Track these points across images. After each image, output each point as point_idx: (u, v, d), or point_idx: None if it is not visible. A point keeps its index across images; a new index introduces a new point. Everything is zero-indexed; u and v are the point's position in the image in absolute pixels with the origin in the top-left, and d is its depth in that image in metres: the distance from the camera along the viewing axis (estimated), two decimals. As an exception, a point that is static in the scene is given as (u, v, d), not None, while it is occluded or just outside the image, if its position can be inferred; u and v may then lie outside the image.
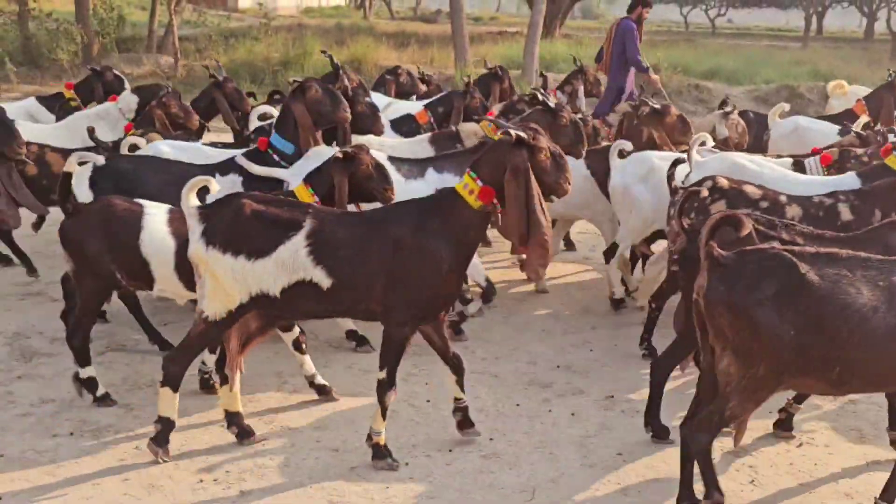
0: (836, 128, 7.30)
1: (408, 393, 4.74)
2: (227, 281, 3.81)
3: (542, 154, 3.94)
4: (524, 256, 4.28)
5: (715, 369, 3.46)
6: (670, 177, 5.22)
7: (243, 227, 3.80)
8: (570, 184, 4.09)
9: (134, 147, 5.53)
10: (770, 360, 3.29)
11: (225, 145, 6.45)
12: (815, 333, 3.23)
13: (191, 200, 3.94)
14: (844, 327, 3.22)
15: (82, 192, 4.93)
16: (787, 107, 7.76)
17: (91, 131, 5.82)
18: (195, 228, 3.86)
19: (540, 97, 5.99)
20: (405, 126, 7.11)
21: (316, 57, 15.38)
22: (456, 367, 4.16)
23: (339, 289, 3.82)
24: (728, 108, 7.09)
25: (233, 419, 4.21)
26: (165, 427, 4.02)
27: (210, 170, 5.17)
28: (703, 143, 5.80)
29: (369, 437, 4.03)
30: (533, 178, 3.86)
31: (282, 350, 4.86)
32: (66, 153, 5.55)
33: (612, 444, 4.31)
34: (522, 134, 3.90)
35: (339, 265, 3.79)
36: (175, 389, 3.98)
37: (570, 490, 3.92)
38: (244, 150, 5.59)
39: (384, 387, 3.95)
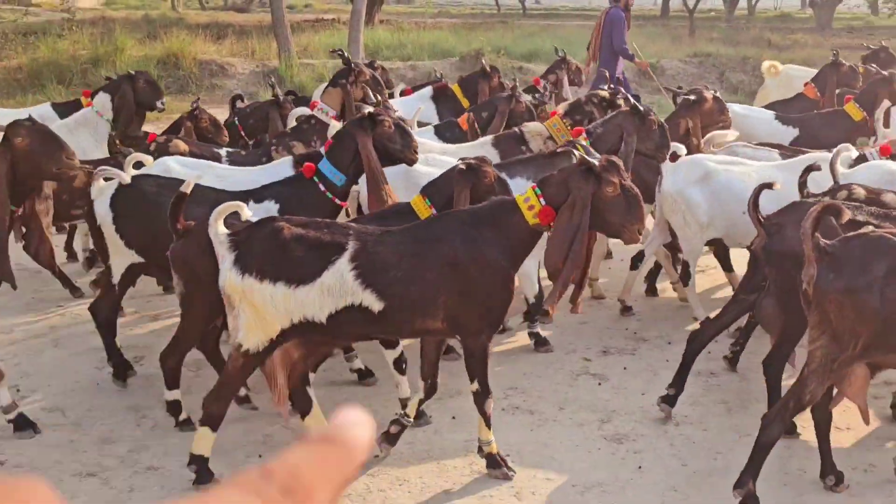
0: (772, 114, 7.24)
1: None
2: (268, 310, 3.60)
3: (611, 189, 3.75)
4: None
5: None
6: (803, 184, 4.67)
7: (282, 253, 3.59)
8: (642, 229, 3.92)
9: (139, 164, 5.05)
10: (867, 340, 3.42)
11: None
12: None
13: (219, 227, 3.70)
14: None
15: (102, 212, 4.63)
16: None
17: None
18: (226, 257, 3.64)
19: (622, 97, 5.74)
20: (448, 132, 6.55)
21: (129, 52, 14.53)
22: (430, 390, 4.10)
23: (392, 311, 3.65)
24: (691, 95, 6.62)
25: None
26: (202, 465, 3.83)
27: (244, 196, 4.51)
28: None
29: (480, 449, 4.01)
30: (588, 212, 3.70)
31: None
32: (90, 165, 5.10)
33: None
34: (594, 163, 3.76)
35: (391, 286, 3.63)
36: (215, 429, 3.79)
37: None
38: (263, 167, 5.15)
39: (481, 397, 3.91)
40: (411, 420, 4.16)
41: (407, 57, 15.68)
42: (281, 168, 4.96)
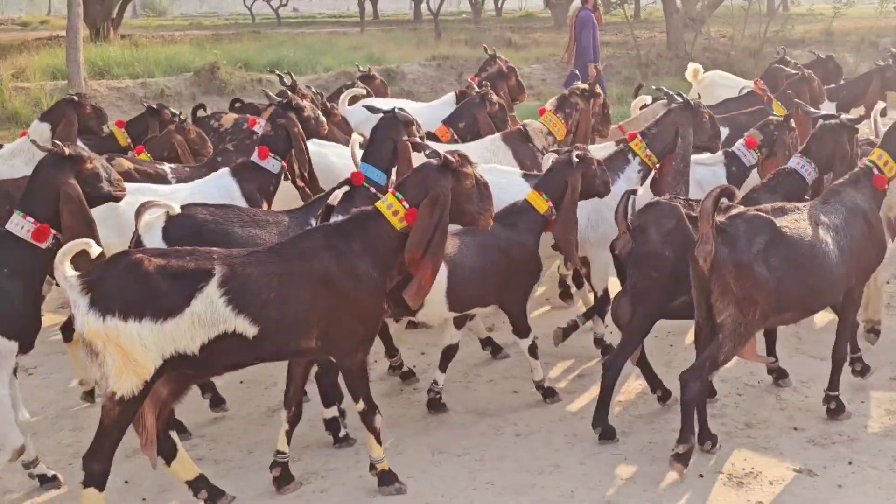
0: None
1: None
2: (137, 350, 3.35)
3: (469, 182, 3.88)
4: None
5: (714, 322, 3.99)
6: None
7: (143, 287, 3.34)
8: (492, 214, 4.05)
9: None
10: (765, 304, 3.94)
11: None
12: (793, 272, 3.98)
13: (66, 269, 3.38)
14: (809, 263, 4.03)
15: (153, 243, 4.28)
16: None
17: None
18: (80, 301, 3.33)
19: (669, 93, 5.68)
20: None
21: None
22: (294, 417, 4.03)
23: (267, 334, 3.53)
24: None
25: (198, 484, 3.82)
26: None
27: (302, 213, 4.65)
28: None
29: (372, 467, 3.97)
30: (448, 207, 3.81)
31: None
32: None
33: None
34: (450, 158, 3.83)
35: (264, 309, 3.51)
36: (101, 489, 3.49)
37: None
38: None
39: (369, 415, 3.87)
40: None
41: (136, 74, 14.98)
42: (221, 179, 5.08)
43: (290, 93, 5.71)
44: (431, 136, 6.20)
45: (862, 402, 4.87)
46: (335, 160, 5.90)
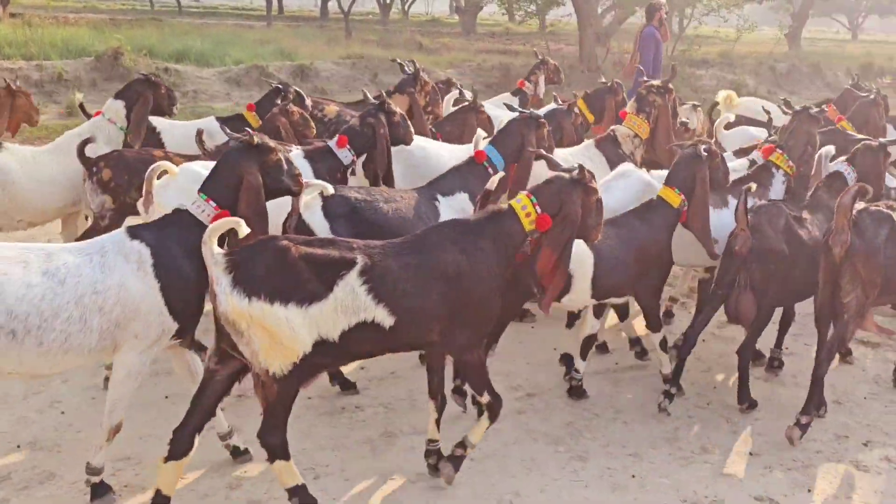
0: None
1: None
2: (284, 333, 3.35)
3: (594, 197, 4.02)
4: None
5: (837, 304, 4.50)
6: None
7: (290, 272, 3.38)
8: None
9: (164, 172, 4.72)
10: (880, 288, 4.49)
11: None
12: None
13: (213, 246, 3.40)
14: None
15: (316, 223, 4.51)
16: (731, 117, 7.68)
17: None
18: (222, 279, 3.35)
19: (788, 106, 6.01)
20: None
21: None
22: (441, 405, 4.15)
23: (402, 325, 3.58)
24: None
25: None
26: (302, 494, 3.64)
27: (427, 191, 4.96)
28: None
29: (461, 446, 4.05)
30: (578, 222, 3.94)
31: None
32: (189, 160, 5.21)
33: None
34: (584, 173, 3.97)
35: (401, 300, 3.56)
36: (288, 458, 3.58)
37: None
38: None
39: (494, 405, 3.94)
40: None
41: (30, 56, 14.03)
42: (296, 161, 4.72)
43: (384, 95, 5.68)
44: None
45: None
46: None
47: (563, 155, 5.60)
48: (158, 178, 4.62)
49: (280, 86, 7.09)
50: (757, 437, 4.70)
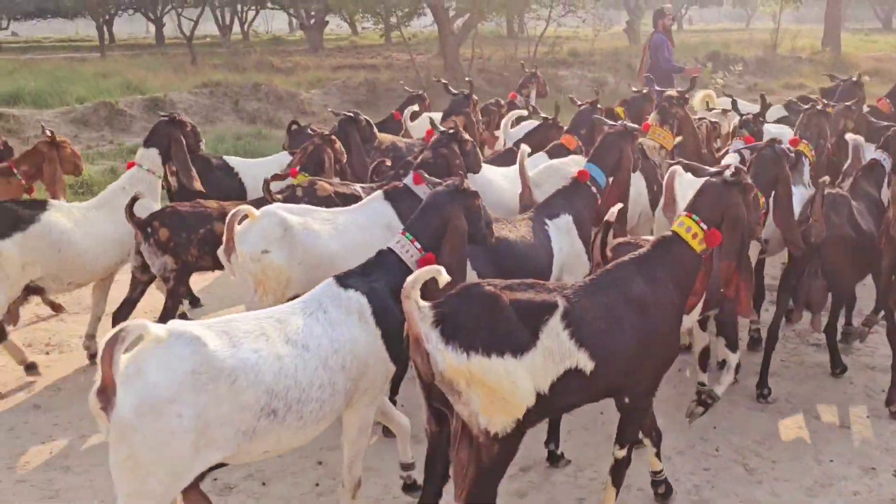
0: None
1: None
2: (504, 387, 3.06)
3: (753, 193, 3.80)
4: None
5: None
6: None
7: (501, 321, 3.11)
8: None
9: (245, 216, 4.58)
10: None
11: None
12: None
13: (417, 298, 3.05)
14: None
15: None
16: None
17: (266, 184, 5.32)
18: (430, 335, 3.03)
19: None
20: (557, 153, 6.38)
21: None
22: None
23: (601, 369, 3.30)
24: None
25: None
26: None
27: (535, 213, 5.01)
28: None
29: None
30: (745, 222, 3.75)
31: None
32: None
33: None
34: (740, 172, 3.75)
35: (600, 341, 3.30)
36: None
37: None
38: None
39: (621, 469, 3.74)
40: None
41: None
42: (376, 203, 4.89)
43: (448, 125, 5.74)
44: (558, 147, 6.45)
45: (717, 449, 4.65)
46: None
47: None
48: (239, 223, 4.51)
49: (351, 114, 6.64)
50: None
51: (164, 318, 5.33)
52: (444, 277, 3.14)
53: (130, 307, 5.59)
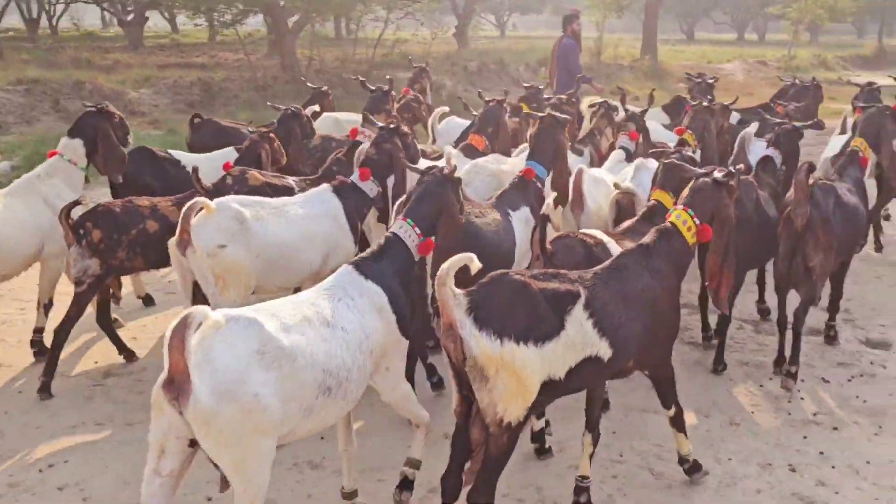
0: None
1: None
2: (527, 375, 3.16)
3: (735, 195, 4.05)
4: None
5: (802, 268, 5.20)
6: None
7: (530, 309, 3.20)
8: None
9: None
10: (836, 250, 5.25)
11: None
12: (846, 225, 5.40)
13: (452, 285, 3.14)
14: (853, 217, 5.55)
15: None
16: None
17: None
18: (465, 321, 3.12)
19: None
20: (467, 154, 6.52)
21: None
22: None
23: (617, 356, 3.47)
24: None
25: None
26: None
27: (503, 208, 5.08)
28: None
29: (684, 461, 4.24)
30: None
31: None
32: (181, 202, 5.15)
33: None
34: (731, 173, 4.00)
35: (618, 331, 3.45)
36: None
37: None
38: None
39: (679, 416, 4.11)
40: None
41: None
42: (324, 195, 5.03)
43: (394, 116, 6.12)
44: (467, 147, 6.55)
45: (621, 455, 4.66)
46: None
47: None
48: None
49: (294, 109, 6.81)
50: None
51: (62, 327, 5.20)
52: (475, 265, 3.24)
53: (78, 314, 5.30)
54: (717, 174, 4.00)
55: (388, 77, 8.32)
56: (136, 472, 4.01)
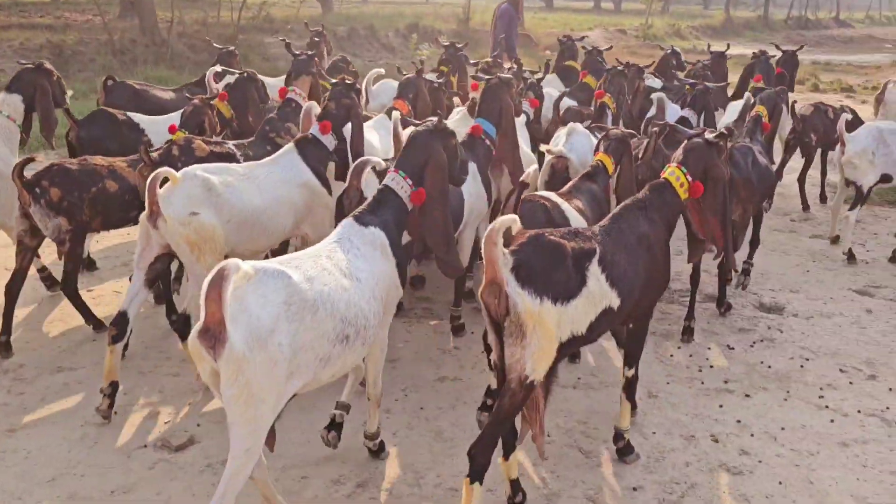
0: None
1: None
2: (554, 333, 3.34)
3: (724, 156, 4.26)
4: None
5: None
6: None
7: (563, 269, 3.38)
8: None
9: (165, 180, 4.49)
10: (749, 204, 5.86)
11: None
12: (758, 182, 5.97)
13: (500, 244, 3.26)
14: (762, 176, 6.10)
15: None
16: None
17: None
18: (510, 280, 3.28)
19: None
20: None
21: None
22: None
23: (624, 306, 3.65)
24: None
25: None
26: None
27: None
28: None
29: (620, 437, 4.28)
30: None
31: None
32: (134, 164, 5.30)
33: None
34: (722, 134, 4.29)
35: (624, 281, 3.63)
36: (482, 482, 3.41)
37: None
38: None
39: (634, 383, 4.26)
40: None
41: None
42: (289, 156, 5.02)
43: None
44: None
45: (549, 435, 4.62)
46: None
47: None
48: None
49: (249, 72, 6.77)
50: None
51: (66, 283, 5.29)
52: (517, 226, 3.33)
53: (23, 277, 5.22)
54: (708, 135, 4.24)
55: (320, 29, 8.72)
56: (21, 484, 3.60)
